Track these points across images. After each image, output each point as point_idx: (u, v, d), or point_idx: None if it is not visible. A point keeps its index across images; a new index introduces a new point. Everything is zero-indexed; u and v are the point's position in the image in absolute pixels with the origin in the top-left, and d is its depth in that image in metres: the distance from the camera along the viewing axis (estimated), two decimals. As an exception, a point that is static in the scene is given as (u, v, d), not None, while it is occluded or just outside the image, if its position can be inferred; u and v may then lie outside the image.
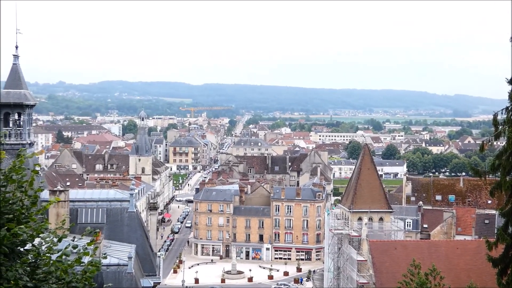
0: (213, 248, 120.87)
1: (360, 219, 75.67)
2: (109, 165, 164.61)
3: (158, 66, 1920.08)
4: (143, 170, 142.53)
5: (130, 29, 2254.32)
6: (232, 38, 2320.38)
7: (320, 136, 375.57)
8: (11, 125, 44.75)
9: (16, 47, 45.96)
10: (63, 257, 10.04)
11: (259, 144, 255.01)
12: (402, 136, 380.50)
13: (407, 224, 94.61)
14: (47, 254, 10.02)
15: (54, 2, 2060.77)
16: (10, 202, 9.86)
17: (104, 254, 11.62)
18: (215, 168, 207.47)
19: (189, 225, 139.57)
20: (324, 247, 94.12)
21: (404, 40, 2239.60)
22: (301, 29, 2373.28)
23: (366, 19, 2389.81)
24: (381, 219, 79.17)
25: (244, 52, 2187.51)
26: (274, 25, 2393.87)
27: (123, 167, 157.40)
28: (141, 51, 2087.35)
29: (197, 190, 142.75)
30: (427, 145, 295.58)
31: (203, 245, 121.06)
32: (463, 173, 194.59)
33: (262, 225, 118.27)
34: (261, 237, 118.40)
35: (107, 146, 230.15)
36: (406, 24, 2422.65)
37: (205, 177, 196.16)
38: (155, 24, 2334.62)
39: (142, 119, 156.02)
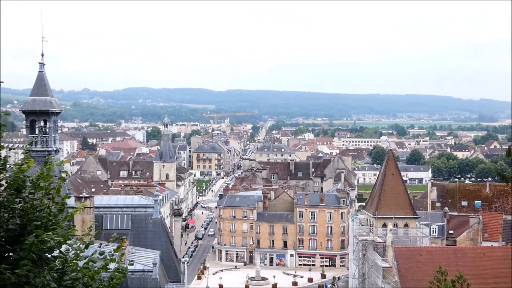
0: (237, 254, 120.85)
1: (385, 225, 75.15)
2: (133, 171, 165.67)
3: (181, 72, 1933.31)
4: (167, 176, 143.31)
5: (154, 36, 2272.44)
6: (257, 44, 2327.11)
7: (343, 141, 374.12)
8: (37, 132, 45.35)
9: (42, 55, 46.60)
10: (90, 263, 10.11)
11: (282, 150, 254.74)
12: (426, 141, 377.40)
13: (433, 230, 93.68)
14: (74, 261, 10.11)
15: (78, 10, 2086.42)
16: (38, 209, 9.96)
17: (131, 261, 11.63)
18: (239, 174, 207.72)
19: (212, 233, 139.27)
20: (348, 254, 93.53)
21: (429, 44, 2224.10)
22: (326, 32, 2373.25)
23: (388, 21, 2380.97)
24: (406, 225, 78.53)
25: (267, 57, 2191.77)
26: (296, 30, 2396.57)
27: (147, 173, 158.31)
28: (164, 57, 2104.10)
29: (221, 196, 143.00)
30: (452, 150, 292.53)
31: (227, 251, 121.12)
32: (489, 179, 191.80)
33: (286, 231, 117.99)
34: (285, 243, 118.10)
35: (132, 153, 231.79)
36: (429, 28, 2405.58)
37: (228, 183, 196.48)
38: (178, 31, 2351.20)
39: (166, 126, 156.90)
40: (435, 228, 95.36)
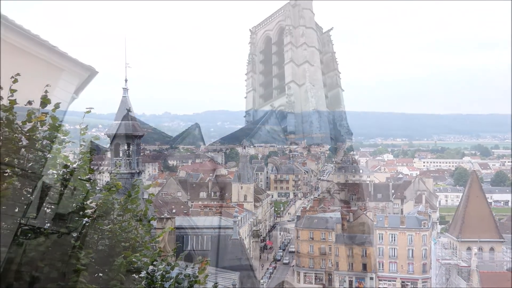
0: (315, 276, 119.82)
1: (469, 248, 72.82)
2: (212, 192, 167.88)
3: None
4: (245, 197, 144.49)
5: (231, 61, 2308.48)
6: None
7: (424, 162, 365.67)
8: (121, 155, 46.93)
9: (125, 81, 48.32)
10: (176, 284, 10.31)
11: (361, 171, 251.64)
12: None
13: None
14: (160, 282, 10.33)
15: (158, 36, 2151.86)
16: (126, 230, 10.28)
17: (216, 283, 11.77)
18: (316, 196, 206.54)
19: (287, 261, 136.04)
20: (431, 278, 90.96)
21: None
22: (404, 51, 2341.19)
23: (468, 38, 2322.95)
24: (492, 249, 75.75)
25: (342, 78, 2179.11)
26: (372, 49, 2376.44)
27: (226, 194, 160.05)
28: (242, 81, 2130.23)
29: (298, 217, 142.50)
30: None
31: (306, 273, 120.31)
32: None
33: (365, 253, 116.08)
34: (364, 266, 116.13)
35: (211, 174, 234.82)
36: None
37: (306, 205, 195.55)
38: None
39: (244, 147, 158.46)
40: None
